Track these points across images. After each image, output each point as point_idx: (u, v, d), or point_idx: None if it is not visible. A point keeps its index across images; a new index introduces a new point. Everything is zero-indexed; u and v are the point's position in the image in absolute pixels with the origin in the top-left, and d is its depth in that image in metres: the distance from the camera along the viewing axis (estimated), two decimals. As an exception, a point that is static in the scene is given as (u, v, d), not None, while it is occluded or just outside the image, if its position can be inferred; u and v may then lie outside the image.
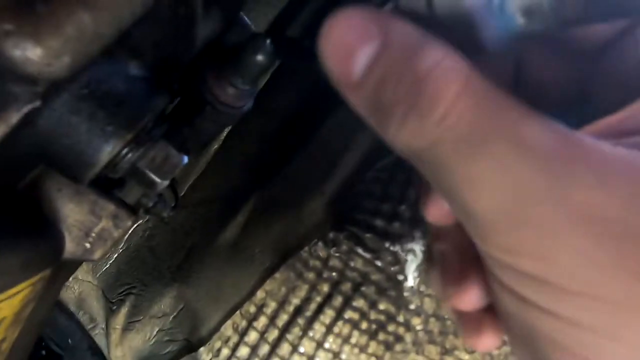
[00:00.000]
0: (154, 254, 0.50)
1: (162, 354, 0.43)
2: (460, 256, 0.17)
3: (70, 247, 0.24)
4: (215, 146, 0.50)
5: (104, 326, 0.54)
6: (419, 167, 0.13)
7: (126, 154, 0.20)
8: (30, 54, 0.12)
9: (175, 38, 0.21)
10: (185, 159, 0.23)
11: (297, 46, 0.21)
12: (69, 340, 0.60)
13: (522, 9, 0.12)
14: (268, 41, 0.22)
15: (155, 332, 0.45)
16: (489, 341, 0.16)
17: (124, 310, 0.49)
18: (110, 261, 0.53)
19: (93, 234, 0.25)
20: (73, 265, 0.34)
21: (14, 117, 0.13)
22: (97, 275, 0.54)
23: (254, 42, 0.22)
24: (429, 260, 0.18)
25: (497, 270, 0.12)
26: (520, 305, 0.12)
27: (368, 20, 0.12)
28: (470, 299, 0.16)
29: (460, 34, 0.12)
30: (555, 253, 0.10)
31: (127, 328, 0.48)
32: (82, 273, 0.56)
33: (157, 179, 0.22)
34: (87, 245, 0.25)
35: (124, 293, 0.50)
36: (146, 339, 0.46)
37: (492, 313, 0.16)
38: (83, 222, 0.24)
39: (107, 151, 0.19)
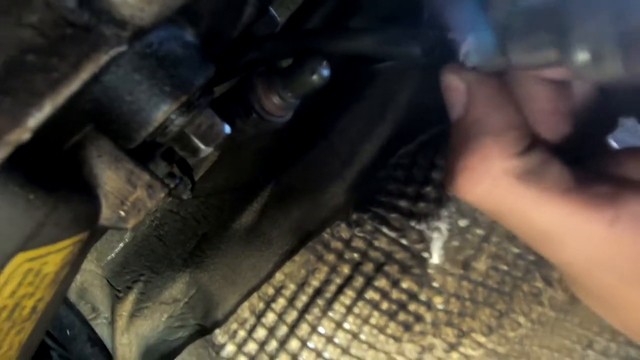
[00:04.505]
0: (163, 243, 0.50)
1: (172, 340, 0.43)
2: None
3: (106, 214, 0.25)
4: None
5: (107, 315, 0.53)
6: None
7: (177, 117, 0.21)
8: (128, -4, 0.13)
9: (226, 11, 0.22)
10: (228, 129, 0.24)
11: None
12: (67, 332, 0.60)
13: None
14: (325, 62, 0.23)
15: (164, 318, 0.44)
16: None
17: (131, 297, 0.49)
18: (116, 250, 0.53)
19: (128, 202, 0.25)
20: (97, 236, 0.34)
21: (103, 59, 0.13)
22: (102, 265, 0.54)
23: (313, 63, 0.23)
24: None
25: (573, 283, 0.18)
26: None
27: (462, 89, 0.17)
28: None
29: None
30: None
31: (134, 315, 0.48)
32: (84, 262, 0.55)
33: (202, 146, 0.23)
34: (122, 213, 0.25)
35: (131, 280, 0.50)
36: (155, 326, 0.45)
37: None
38: (119, 189, 0.25)
39: (163, 110, 0.19)
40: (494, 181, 0.16)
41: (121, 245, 0.55)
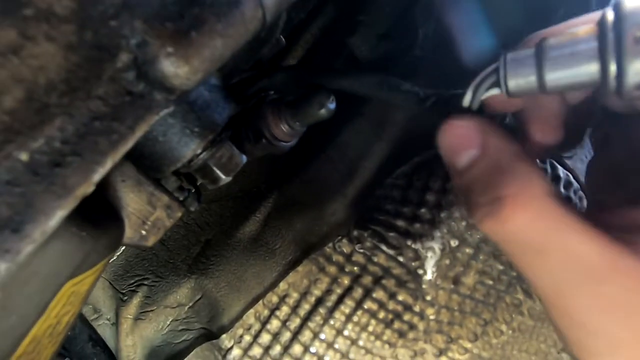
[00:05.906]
0: (167, 247, 0.52)
1: (176, 342, 0.45)
2: None
3: (129, 233, 0.27)
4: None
5: (109, 317, 0.55)
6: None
7: (202, 152, 0.23)
8: (180, 70, 0.15)
9: (247, 55, 0.24)
10: (245, 159, 0.26)
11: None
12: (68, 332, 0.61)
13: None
14: (331, 97, 0.25)
15: (169, 322, 0.47)
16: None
17: (136, 301, 0.50)
18: (118, 253, 0.54)
19: (149, 222, 0.27)
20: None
21: (154, 119, 0.16)
22: (104, 267, 0.55)
23: (321, 98, 0.25)
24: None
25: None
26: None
27: (473, 130, 0.17)
28: None
29: None
30: (595, 329, 0.15)
31: (139, 317, 0.49)
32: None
33: (222, 175, 0.25)
34: (143, 232, 0.27)
35: (135, 284, 0.52)
36: (159, 329, 0.47)
37: None
38: (141, 210, 0.27)
39: (191, 148, 0.22)
40: (540, 205, 0.15)
41: (122, 248, 0.56)
